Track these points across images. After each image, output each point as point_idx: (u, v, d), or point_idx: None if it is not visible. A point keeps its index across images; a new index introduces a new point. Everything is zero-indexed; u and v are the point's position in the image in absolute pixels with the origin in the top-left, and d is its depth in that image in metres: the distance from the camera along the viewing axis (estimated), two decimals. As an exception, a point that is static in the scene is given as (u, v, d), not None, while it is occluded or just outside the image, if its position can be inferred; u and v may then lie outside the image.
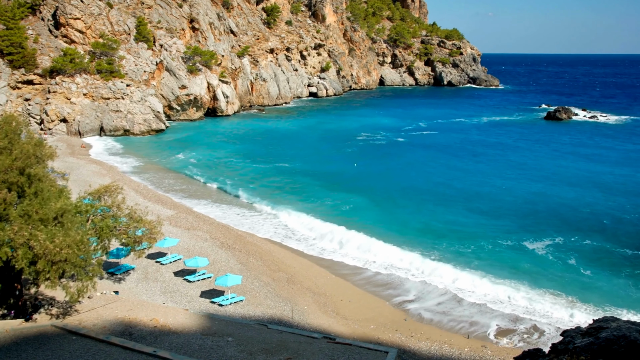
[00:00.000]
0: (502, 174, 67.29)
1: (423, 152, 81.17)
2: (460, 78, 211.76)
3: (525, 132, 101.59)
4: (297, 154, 79.20)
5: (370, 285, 36.49)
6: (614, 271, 38.10)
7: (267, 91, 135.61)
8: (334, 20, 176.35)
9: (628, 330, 12.26)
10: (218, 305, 31.03)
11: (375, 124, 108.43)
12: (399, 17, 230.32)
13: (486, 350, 28.32)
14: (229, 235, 43.93)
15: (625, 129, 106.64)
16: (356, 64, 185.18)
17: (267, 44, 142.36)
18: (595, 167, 70.98)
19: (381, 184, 62.44)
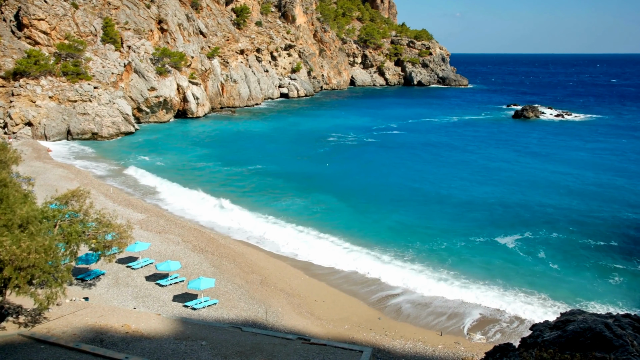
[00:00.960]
0: (472, 173, 68.31)
1: (394, 152, 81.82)
2: (429, 78, 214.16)
3: (493, 131, 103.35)
4: (268, 155, 78.95)
5: (345, 285, 36.60)
6: (580, 266, 39.07)
7: (237, 92, 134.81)
8: (304, 21, 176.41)
9: (594, 323, 12.58)
10: (191, 309, 30.69)
11: (346, 125, 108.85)
12: (369, 17, 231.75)
13: (459, 346, 28.70)
14: (202, 238, 43.51)
15: (591, 127, 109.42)
16: (327, 64, 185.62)
17: (237, 45, 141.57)
18: (561, 165, 72.62)
19: (353, 184, 62.71)
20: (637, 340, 12.68)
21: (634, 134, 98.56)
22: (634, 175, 66.07)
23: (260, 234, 45.98)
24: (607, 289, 35.53)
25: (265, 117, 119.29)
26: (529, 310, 32.50)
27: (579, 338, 12.29)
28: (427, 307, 33.53)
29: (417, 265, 39.35)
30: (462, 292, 35.10)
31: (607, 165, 71.99)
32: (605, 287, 35.70)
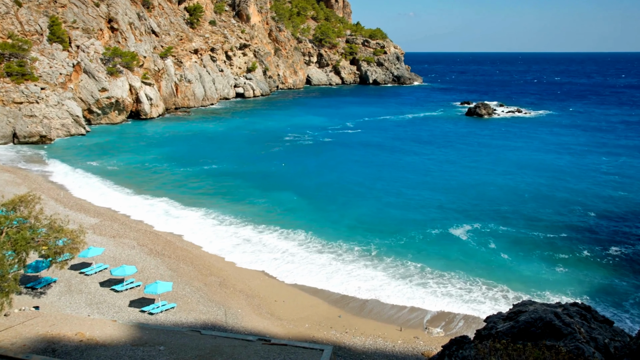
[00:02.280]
0: (427, 169, 69.58)
1: (350, 151, 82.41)
2: (385, 77, 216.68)
3: (447, 129, 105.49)
4: (224, 155, 78.18)
5: (304, 284, 36.61)
6: (530, 257, 40.34)
7: (192, 92, 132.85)
8: (259, 20, 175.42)
9: (544, 312, 13.03)
10: (148, 313, 30.09)
11: (302, 124, 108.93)
12: (324, 17, 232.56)
13: (418, 340, 29.18)
14: (158, 241, 42.70)
15: (541, 123, 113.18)
16: (282, 63, 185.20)
17: (191, 44, 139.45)
18: (511, 160, 74.77)
19: (311, 183, 62.85)
20: (584, 327, 13.22)
21: (578, 130, 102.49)
22: (579, 169, 68.71)
23: (218, 235, 45.46)
24: (555, 278, 36.85)
25: (221, 117, 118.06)
26: (484, 302, 33.36)
27: (530, 328, 12.71)
28: (388, 303, 33.91)
29: (377, 260, 39.78)
30: (421, 286, 35.70)
31: (554, 160, 74.59)
32: (554, 277, 37.02)
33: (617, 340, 13.88)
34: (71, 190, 58.04)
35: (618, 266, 38.72)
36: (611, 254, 40.84)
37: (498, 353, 10.62)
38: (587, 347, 12.29)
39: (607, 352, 13.14)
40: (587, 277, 37.00)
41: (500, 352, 10.59)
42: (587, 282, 36.29)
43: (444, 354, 12.69)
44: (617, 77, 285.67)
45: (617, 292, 34.78)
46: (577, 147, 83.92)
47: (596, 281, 36.39)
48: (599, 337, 13.58)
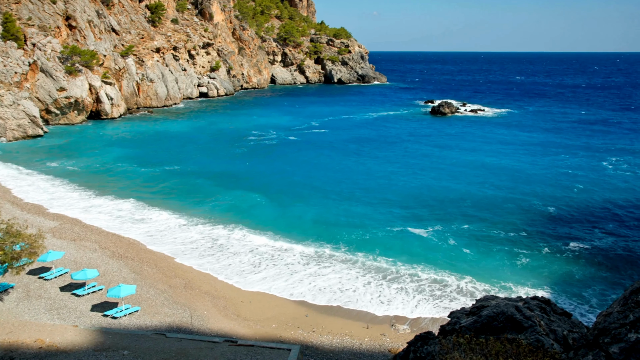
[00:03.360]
0: (390, 168, 70.25)
1: (315, 150, 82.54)
2: (349, 76, 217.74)
3: (411, 127, 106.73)
4: (188, 155, 77.23)
5: (271, 284, 36.48)
6: (492, 254, 41.18)
7: (155, 92, 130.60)
8: (222, 19, 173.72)
9: (506, 307, 13.36)
10: (111, 318, 29.47)
11: (267, 123, 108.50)
12: (288, 15, 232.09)
13: (385, 338, 29.46)
14: (120, 243, 41.86)
15: (502, 121, 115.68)
16: (246, 63, 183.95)
17: (152, 43, 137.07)
18: (472, 158, 76.22)
19: (276, 182, 62.71)
20: (544, 320, 13.59)
21: (538, 128, 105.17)
22: (537, 167, 70.53)
23: (182, 235, 44.86)
24: (516, 273, 37.74)
25: (185, 117, 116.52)
26: (448, 298, 33.92)
27: (492, 322, 13.00)
28: (354, 300, 34.09)
29: (341, 259, 39.96)
30: (386, 283, 36.04)
31: (514, 158, 76.36)
32: (515, 272, 37.90)
33: (575, 332, 14.32)
34: (29, 192, 56.32)
35: (575, 260, 39.93)
36: (569, 248, 42.08)
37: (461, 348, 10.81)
38: (547, 339, 12.64)
39: (565, 343, 13.55)
40: (546, 271, 38.04)
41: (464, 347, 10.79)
42: (547, 276, 37.31)
43: (409, 350, 12.85)
44: (575, 77, 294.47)
45: (575, 286, 35.88)
46: (536, 145, 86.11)
47: (555, 275, 37.46)
48: (558, 329, 13.99)
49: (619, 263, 39.45)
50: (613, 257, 40.51)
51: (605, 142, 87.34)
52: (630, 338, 11.04)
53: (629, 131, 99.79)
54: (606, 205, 52.80)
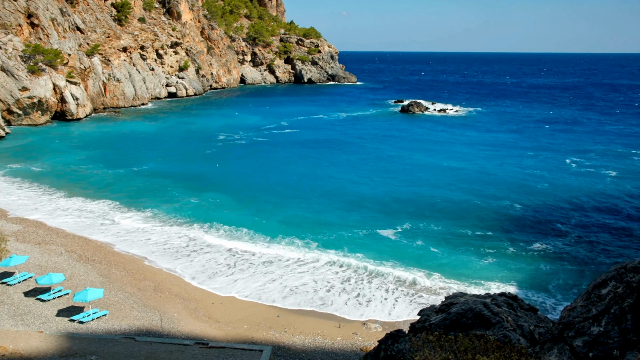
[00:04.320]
0: (359, 168, 70.61)
1: (285, 150, 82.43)
2: (319, 75, 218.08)
3: (380, 127, 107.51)
4: (156, 156, 76.16)
5: (242, 285, 36.27)
6: (461, 252, 41.76)
7: (122, 92, 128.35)
8: (190, 18, 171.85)
9: (474, 303, 13.60)
10: (78, 322, 28.86)
11: (237, 123, 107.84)
12: (257, 15, 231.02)
13: (357, 336, 29.62)
14: (87, 246, 41.03)
15: (469, 121, 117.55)
16: (216, 62, 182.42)
17: (119, 42, 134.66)
18: (440, 157, 77.23)
19: (245, 182, 62.40)
20: (511, 315, 13.89)
21: (504, 127, 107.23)
22: (504, 165, 71.92)
23: (151, 237, 44.24)
24: (484, 270, 38.40)
25: (153, 117, 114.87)
26: (419, 296, 34.31)
27: (461, 319, 13.21)
28: (326, 300, 34.18)
29: (311, 259, 40.00)
30: (358, 283, 36.21)
31: (481, 156, 77.66)
32: (483, 269, 38.57)
33: (541, 326, 14.67)
34: (-10, 195, 54.71)
35: (541, 257, 40.87)
36: (534, 246, 43.04)
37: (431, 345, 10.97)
38: (514, 335, 12.92)
39: (532, 338, 13.87)
40: (513, 268, 38.82)
41: (433, 344, 10.95)
42: (514, 273, 38.08)
43: (380, 348, 12.97)
44: (541, 77, 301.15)
45: (541, 282, 36.72)
46: (502, 145, 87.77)
47: (521, 272, 38.25)
48: (524, 325, 14.31)
49: (581, 259, 40.54)
50: (576, 253, 41.61)
51: (569, 142, 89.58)
52: (593, 331, 11.37)
53: (590, 131, 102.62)
54: (569, 204, 54.18)
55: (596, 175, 65.17)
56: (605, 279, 12.46)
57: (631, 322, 11.10)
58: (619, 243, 43.63)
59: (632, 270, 12.03)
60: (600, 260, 40.23)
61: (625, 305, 11.37)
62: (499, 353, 10.37)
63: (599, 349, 11.04)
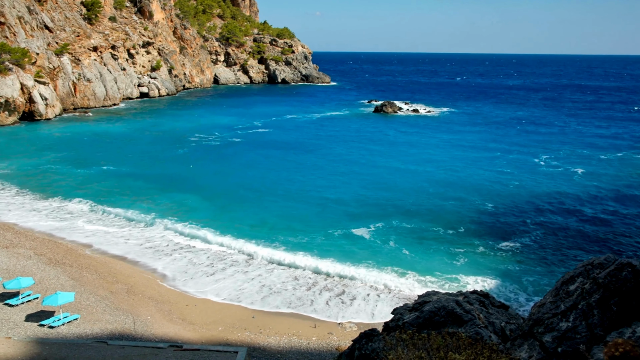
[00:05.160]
0: (333, 168, 70.80)
1: (258, 151, 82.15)
2: (293, 76, 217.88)
3: (354, 127, 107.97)
4: (129, 157, 75.08)
5: (216, 286, 36.05)
6: (432, 251, 42.19)
7: (92, 92, 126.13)
8: (163, 18, 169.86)
9: (446, 302, 13.81)
10: (48, 327, 28.29)
11: (210, 124, 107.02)
12: (230, 15, 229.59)
13: (332, 336, 29.71)
14: (58, 249, 40.22)
15: (442, 121, 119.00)
16: (188, 62, 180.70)
17: (89, 41, 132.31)
18: (413, 157, 77.95)
19: (218, 183, 61.99)
20: (483, 313, 14.14)
21: (476, 127, 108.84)
22: (475, 165, 73.01)
23: (123, 239, 43.62)
24: (456, 268, 38.90)
25: (124, 118, 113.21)
26: (392, 295, 34.59)
27: (434, 317, 13.40)
28: (300, 300, 34.21)
29: (283, 259, 39.97)
30: (332, 282, 36.32)
31: (453, 156, 78.65)
32: (456, 268, 39.07)
33: (512, 323, 14.96)
34: (-45, 198, 53.23)
35: (512, 255, 41.62)
36: (505, 243, 43.80)
37: (404, 343, 11.09)
38: (486, 332, 13.15)
39: (503, 334, 14.14)
40: (484, 266, 39.45)
41: (406, 342, 11.08)
42: (485, 270, 38.69)
43: (354, 347, 13.05)
44: (513, 79, 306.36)
45: (512, 279, 37.40)
46: (473, 144, 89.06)
47: (493, 269, 38.89)
48: (496, 322, 14.57)
49: (550, 256, 41.43)
50: (545, 251, 42.50)
51: (538, 142, 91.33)
52: (561, 327, 11.64)
53: (559, 131, 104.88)
54: (538, 203, 55.27)
55: (564, 175, 66.62)
56: (573, 275, 12.77)
57: (598, 317, 11.40)
58: (586, 240, 44.73)
59: (599, 266, 12.36)
60: (569, 257, 41.19)
61: (592, 300, 11.68)
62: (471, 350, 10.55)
63: (567, 344, 11.32)
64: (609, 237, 45.61)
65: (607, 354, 8.57)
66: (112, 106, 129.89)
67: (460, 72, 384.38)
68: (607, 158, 76.41)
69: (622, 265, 11.81)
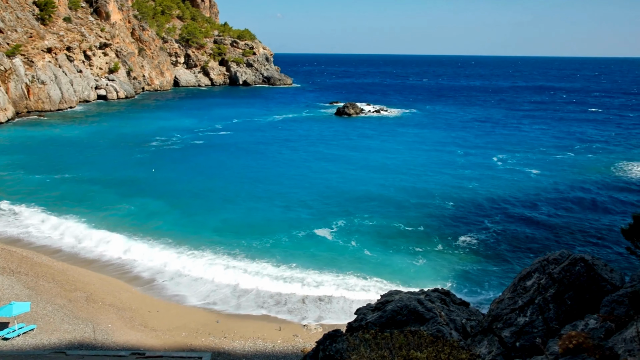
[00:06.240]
0: (294, 170, 70.79)
1: (219, 153, 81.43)
2: (255, 77, 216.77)
3: (316, 128, 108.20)
4: (86, 161, 73.15)
5: (178, 292, 35.55)
6: (393, 250, 42.71)
7: (47, 95, 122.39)
8: (120, 18, 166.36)
9: (408, 300, 14.02)
10: (2, 339, 27.32)
11: (170, 127, 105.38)
12: (190, 16, 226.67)
13: (298, 338, 29.71)
14: (12, 258, 38.86)
15: (403, 121, 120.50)
16: (147, 64, 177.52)
17: (43, 42, 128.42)
18: (373, 158, 78.63)
19: (179, 186, 61.13)
20: (444, 311, 14.41)
21: (436, 128, 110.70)
22: (436, 165, 74.26)
23: (81, 246, 42.50)
24: (417, 267, 39.56)
25: (81, 121, 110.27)
26: (356, 296, 34.82)
27: (397, 316, 13.58)
28: (265, 303, 34.08)
29: (247, 262, 39.79)
30: (297, 284, 36.33)
31: (413, 156, 79.77)
32: (417, 266, 39.69)
33: (473, 320, 15.31)
34: None
35: (472, 252, 42.53)
36: (466, 241, 44.71)
37: (367, 343, 11.21)
38: (447, 329, 13.41)
39: (464, 331, 14.44)
40: (446, 264, 40.20)
41: (370, 342, 11.19)
42: (446, 268, 39.44)
43: (318, 349, 13.11)
44: (471, 79, 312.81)
45: (472, 276, 38.22)
46: (434, 144, 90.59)
47: (454, 267, 39.67)
48: (457, 319, 14.87)
49: (508, 252, 42.54)
50: (504, 247, 43.60)
51: (496, 141, 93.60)
52: (519, 322, 11.99)
53: (515, 131, 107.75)
54: (496, 201, 56.64)
55: (520, 174, 68.44)
56: (530, 271, 13.18)
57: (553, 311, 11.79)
58: (542, 237, 46.11)
59: (554, 262, 12.79)
60: (526, 253, 42.37)
61: (547, 295, 12.07)
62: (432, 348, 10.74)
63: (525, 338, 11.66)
64: (564, 232, 47.17)
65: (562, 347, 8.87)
66: (69, 109, 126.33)
67: (422, 73, 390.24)
68: (561, 158, 78.90)
69: (575, 260, 12.26)
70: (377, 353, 10.28)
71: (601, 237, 45.85)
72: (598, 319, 10.37)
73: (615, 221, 49.76)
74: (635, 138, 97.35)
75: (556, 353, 9.10)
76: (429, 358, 10.11)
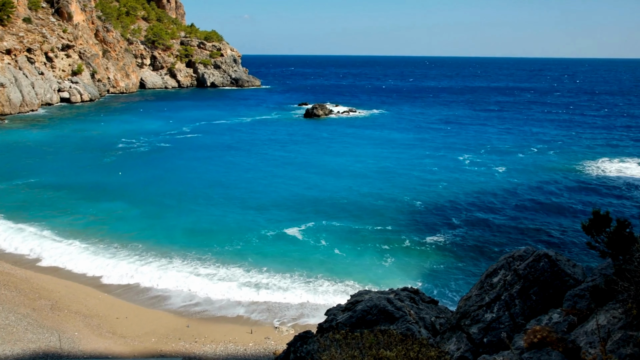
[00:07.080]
0: (261, 171, 70.53)
1: (187, 156, 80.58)
2: (223, 79, 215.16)
3: (284, 130, 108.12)
4: (48, 166, 71.31)
5: (146, 298, 35.03)
6: (364, 250, 42.94)
7: (7, 98, 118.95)
8: (83, 19, 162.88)
9: (378, 300, 14.15)
10: (-38, 351, 26.45)
11: (137, 130, 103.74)
12: (156, 17, 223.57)
13: (269, 341, 29.61)
14: (-28, 267, 37.64)
15: (372, 122, 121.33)
16: (112, 66, 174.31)
17: (2, 43, 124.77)
18: (344, 158, 79.07)
19: (147, 191, 60.17)
20: (413, 309, 14.59)
21: (404, 128, 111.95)
22: (404, 165, 75.09)
23: (46, 254, 41.42)
24: (387, 266, 39.87)
25: (44, 125, 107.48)
26: (327, 297, 34.94)
27: (367, 316, 13.69)
28: (237, 306, 33.86)
29: (217, 266, 39.46)
30: (264, 287, 36.21)
31: (383, 156, 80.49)
32: (386, 266, 40.04)
33: (442, 317, 15.53)
34: None
35: (440, 251, 43.13)
36: (434, 240, 45.33)
37: (338, 343, 11.27)
38: (416, 327, 13.58)
39: (433, 329, 14.64)
40: (415, 263, 40.66)
41: (340, 342, 11.25)
42: (415, 267, 39.90)
43: (289, 350, 13.10)
44: (439, 80, 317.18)
45: (441, 274, 38.77)
46: (403, 144, 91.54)
47: (423, 266, 40.16)
48: (426, 317, 15.07)
49: (476, 250, 43.32)
50: (471, 245, 44.36)
51: (463, 141, 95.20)
52: (486, 318, 12.22)
53: (483, 130, 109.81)
54: (463, 199, 57.61)
55: (486, 173, 69.75)
56: (496, 268, 13.46)
57: (519, 307, 12.07)
58: (508, 234, 47.12)
59: (519, 258, 13.08)
60: (492, 250, 43.18)
61: (513, 291, 12.35)
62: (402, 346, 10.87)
63: (492, 334, 11.90)
64: (529, 229, 48.29)
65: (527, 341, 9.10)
66: (30, 112, 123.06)
67: (389, 74, 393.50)
68: (525, 157, 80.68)
69: (539, 256, 12.58)
70: (348, 353, 10.35)
71: (564, 233, 47.13)
72: (561, 313, 10.67)
73: (577, 218, 51.21)
74: (596, 138, 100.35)
75: (522, 347, 9.32)
76: (398, 356, 10.23)
